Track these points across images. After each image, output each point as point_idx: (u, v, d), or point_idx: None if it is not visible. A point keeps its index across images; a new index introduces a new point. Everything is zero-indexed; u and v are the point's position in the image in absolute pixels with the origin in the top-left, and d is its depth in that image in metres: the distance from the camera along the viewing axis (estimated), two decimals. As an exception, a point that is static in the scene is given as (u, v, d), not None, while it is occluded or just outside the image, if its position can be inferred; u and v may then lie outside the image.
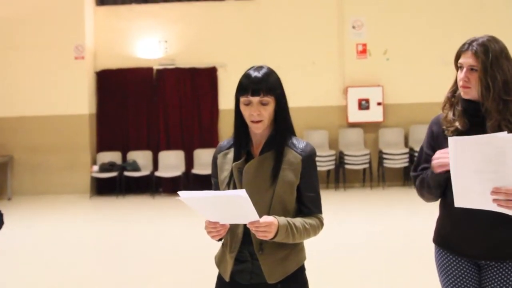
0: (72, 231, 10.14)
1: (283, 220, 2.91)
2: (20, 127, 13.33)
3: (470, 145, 2.88)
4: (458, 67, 3.20)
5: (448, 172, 3.03)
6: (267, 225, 2.84)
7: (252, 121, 3.00)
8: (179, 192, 2.84)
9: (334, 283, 6.85)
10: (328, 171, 13.17)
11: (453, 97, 3.26)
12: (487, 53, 3.07)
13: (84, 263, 8.12)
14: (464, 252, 3.24)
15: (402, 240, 8.65)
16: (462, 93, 3.17)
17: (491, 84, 3.06)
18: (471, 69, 3.11)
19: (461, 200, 2.97)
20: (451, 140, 2.92)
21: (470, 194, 2.94)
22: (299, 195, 3.05)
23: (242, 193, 2.73)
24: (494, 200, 2.88)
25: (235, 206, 2.79)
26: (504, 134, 2.84)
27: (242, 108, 3.02)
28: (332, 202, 11.44)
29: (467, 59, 3.12)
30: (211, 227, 2.92)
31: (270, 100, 2.99)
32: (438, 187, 3.20)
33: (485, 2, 13.16)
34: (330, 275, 7.09)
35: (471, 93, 3.14)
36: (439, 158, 3.06)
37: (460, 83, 3.16)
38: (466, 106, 3.19)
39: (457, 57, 3.19)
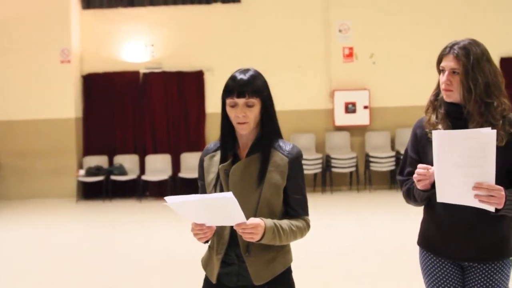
0: (59, 235, 10.10)
1: (269, 222, 2.92)
2: (6, 131, 13.27)
3: (454, 139, 2.92)
4: (440, 71, 3.23)
5: (433, 188, 3.07)
6: (253, 227, 2.85)
7: (238, 123, 3.01)
8: (165, 198, 2.85)
9: (321, 286, 6.85)
10: (315, 174, 13.18)
11: (436, 100, 3.30)
12: (468, 56, 3.10)
13: (71, 267, 8.08)
14: (447, 254, 3.28)
15: (389, 243, 8.67)
16: (445, 96, 3.20)
17: (473, 87, 3.09)
18: (453, 72, 3.14)
19: (443, 195, 3.01)
20: (435, 133, 2.98)
21: (452, 189, 2.98)
22: (286, 197, 3.06)
23: (229, 195, 2.74)
24: (476, 195, 2.91)
25: (222, 208, 2.80)
26: (487, 130, 2.88)
27: (228, 110, 3.03)
28: (319, 205, 11.45)
29: (448, 62, 3.15)
30: (198, 229, 2.93)
31: (256, 102, 3.00)
32: (425, 200, 3.25)
33: (472, 6, 13.23)
34: (317, 278, 7.10)
35: (454, 96, 3.17)
36: (418, 174, 3.08)
37: (442, 86, 3.19)
38: (449, 109, 3.22)
39: (439, 60, 3.23)
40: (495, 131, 2.87)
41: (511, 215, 3.07)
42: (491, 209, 2.96)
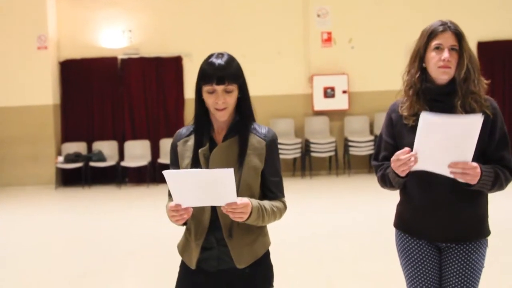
0: (38, 222, 10.06)
1: (255, 202, 2.95)
2: (-17, 118, 13.16)
3: (441, 123, 2.94)
4: (425, 49, 3.19)
5: (408, 175, 3.12)
6: (244, 206, 2.86)
7: (217, 109, 3.00)
8: (164, 172, 2.84)
9: (300, 269, 6.89)
10: (294, 159, 13.22)
11: (419, 83, 3.24)
12: (464, 34, 3.15)
13: (50, 254, 8.06)
14: (424, 235, 3.31)
15: (368, 226, 8.74)
16: (441, 73, 3.15)
17: (471, 65, 3.13)
18: (451, 49, 3.13)
19: (421, 164, 3.03)
20: (423, 115, 2.97)
21: (430, 161, 3.02)
22: (264, 180, 3.09)
23: (229, 170, 2.74)
24: (451, 171, 2.98)
25: (218, 184, 2.80)
26: (475, 116, 2.93)
27: (206, 96, 3.01)
28: (298, 189, 11.52)
29: (447, 40, 3.13)
30: (174, 211, 2.91)
31: (234, 88, 3.00)
32: (400, 185, 3.28)
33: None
34: (297, 261, 7.13)
35: (450, 73, 3.16)
36: (398, 161, 3.06)
37: (440, 64, 3.14)
38: (429, 92, 3.22)
39: (431, 38, 3.18)
40: (482, 116, 2.91)
41: (486, 190, 3.11)
42: (461, 180, 3.01)
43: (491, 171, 3.06)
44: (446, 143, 2.95)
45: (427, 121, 2.97)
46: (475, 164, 2.97)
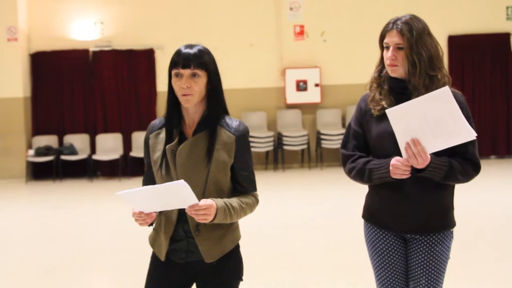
0: (8, 216, 9.98)
1: (220, 202, 2.93)
2: (-49, 111, 12.98)
3: (407, 110, 3.02)
4: (383, 47, 3.30)
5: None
6: (206, 208, 2.86)
7: (182, 95, 2.99)
8: (117, 193, 2.87)
9: (271, 261, 6.91)
10: (267, 152, 13.25)
11: (379, 77, 3.35)
12: (411, 31, 3.18)
13: (20, 248, 8.00)
14: (391, 226, 3.35)
15: (339, 218, 8.80)
16: (390, 71, 3.26)
17: (417, 61, 3.17)
18: (397, 47, 3.21)
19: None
20: (388, 111, 3.07)
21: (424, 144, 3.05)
22: (234, 175, 3.07)
23: (181, 182, 2.77)
24: (407, 147, 3.04)
25: (175, 194, 2.83)
26: (440, 90, 2.99)
27: (173, 81, 3.01)
28: (271, 183, 11.55)
29: (392, 38, 3.22)
30: (137, 216, 2.96)
31: (201, 74, 2.98)
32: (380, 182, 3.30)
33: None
34: (269, 254, 7.15)
35: (399, 71, 3.24)
36: (398, 168, 3.12)
37: (387, 62, 3.25)
38: (393, 85, 3.29)
39: (382, 37, 3.30)
40: (447, 87, 2.98)
41: (438, 179, 3.15)
42: (404, 156, 3.08)
43: (444, 161, 3.12)
44: (425, 124, 3.00)
45: (394, 114, 3.04)
46: (429, 156, 3.06)
